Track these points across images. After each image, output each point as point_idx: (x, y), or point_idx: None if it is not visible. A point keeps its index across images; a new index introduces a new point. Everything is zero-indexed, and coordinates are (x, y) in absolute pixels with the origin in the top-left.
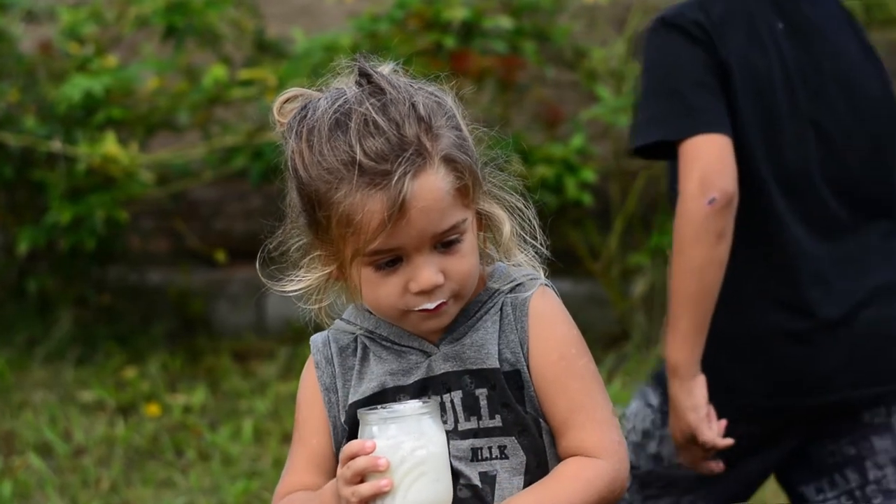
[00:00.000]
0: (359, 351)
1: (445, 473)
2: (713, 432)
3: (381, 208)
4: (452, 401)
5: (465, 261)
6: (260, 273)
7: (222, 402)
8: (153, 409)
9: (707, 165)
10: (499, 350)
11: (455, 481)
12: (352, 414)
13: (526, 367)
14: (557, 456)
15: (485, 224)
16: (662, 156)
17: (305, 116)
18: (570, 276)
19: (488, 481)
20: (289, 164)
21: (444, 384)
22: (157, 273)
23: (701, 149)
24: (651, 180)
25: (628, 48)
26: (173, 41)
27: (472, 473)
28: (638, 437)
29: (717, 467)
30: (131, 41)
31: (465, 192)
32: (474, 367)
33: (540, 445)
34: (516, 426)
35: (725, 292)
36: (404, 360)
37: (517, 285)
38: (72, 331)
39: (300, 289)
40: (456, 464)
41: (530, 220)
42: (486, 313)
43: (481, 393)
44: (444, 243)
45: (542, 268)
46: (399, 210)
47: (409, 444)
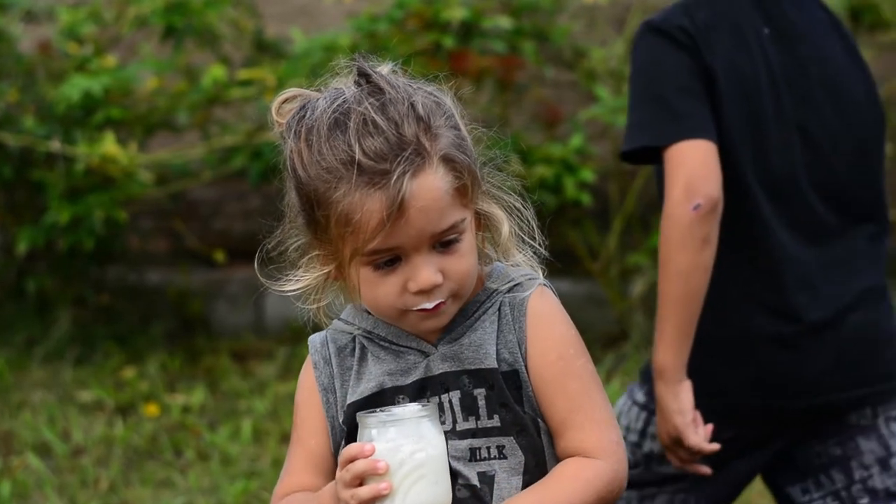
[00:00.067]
0: (357, 351)
1: (444, 476)
2: (699, 436)
3: (379, 207)
4: (451, 401)
5: (464, 260)
6: (259, 273)
7: (221, 402)
8: (152, 409)
9: (692, 171)
10: (497, 350)
11: (454, 481)
12: (350, 414)
13: (524, 367)
14: (556, 456)
15: (483, 224)
16: (649, 160)
17: (304, 116)
18: (569, 276)
19: (487, 481)
20: (287, 164)
21: (442, 384)
22: (156, 273)
23: (686, 155)
24: (650, 180)
25: (627, 48)
26: (172, 41)
27: (471, 473)
28: (636, 437)
29: (704, 470)
30: (130, 41)
31: (464, 191)
32: (472, 368)
33: (538, 445)
34: (514, 426)
35: (712, 296)
36: (402, 361)
37: (515, 285)
38: (70, 331)
39: (299, 288)
40: (454, 464)
41: (529, 220)
42: (484, 313)
43: (479, 393)
44: (443, 243)
45: (540, 268)
46: (398, 209)
47: (408, 447)
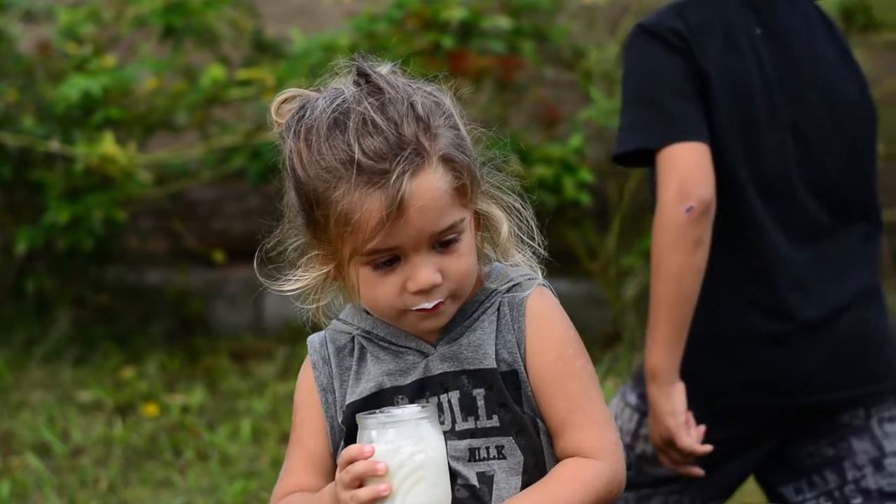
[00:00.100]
0: (356, 351)
1: (444, 478)
2: (692, 438)
3: (379, 207)
4: (450, 401)
5: (463, 260)
6: (258, 273)
7: (220, 402)
8: (151, 409)
9: (685, 174)
10: (496, 350)
11: (453, 481)
12: (349, 414)
13: (523, 368)
14: (555, 456)
15: (482, 224)
16: (642, 163)
17: (304, 116)
18: (568, 276)
19: (486, 481)
20: (287, 164)
21: (441, 384)
22: (155, 273)
23: (679, 157)
24: (642, 182)
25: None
26: (171, 41)
27: (470, 473)
28: (628, 439)
29: (697, 472)
30: (129, 41)
31: (463, 191)
32: (471, 368)
33: (537, 445)
34: (514, 426)
35: (705, 297)
36: (401, 361)
37: (514, 285)
38: (70, 331)
39: (298, 288)
40: (453, 464)
41: (528, 220)
42: (483, 313)
43: (478, 393)
44: (442, 243)
45: (539, 268)
46: (397, 209)
47: (408, 448)
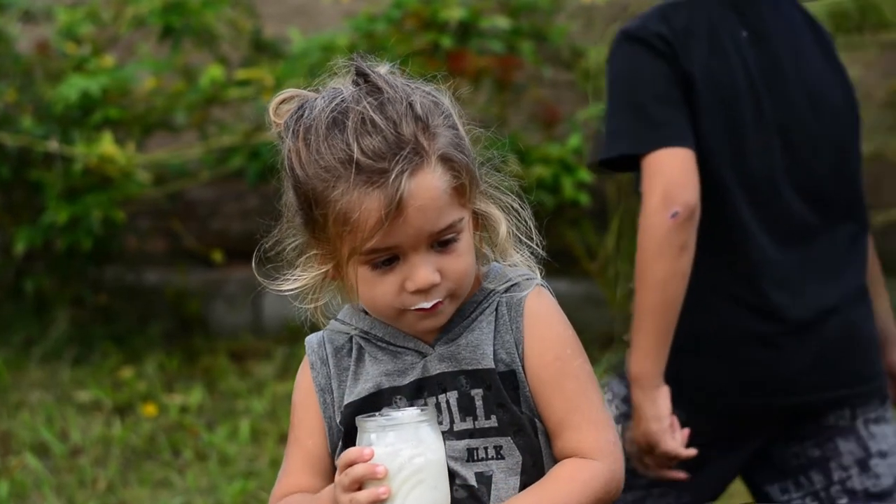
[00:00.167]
0: (354, 351)
1: (443, 481)
2: (676, 442)
3: (378, 206)
4: (448, 401)
5: (462, 260)
6: (256, 273)
7: (219, 402)
8: (150, 409)
9: (670, 179)
10: (494, 350)
11: (451, 482)
12: (347, 415)
13: (521, 368)
14: (553, 456)
15: (481, 224)
16: (627, 168)
17: (302, 116)
18: (567, 276)
19: (484, 482)
20: (285, 163)
21: (439, 385)
22: (154, 273)
23: (664, 163)
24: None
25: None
26: (170, 41)
27: (469, 474)
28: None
29: (680, 476)
30: (128, 41)
31: (462, 191)
32: (470, 368)
33: (536, 445)
34: (512, 426)
35: (691, 299)
36: (400, 361)
37: (513, 285)
38: (68, 331)
39: (296, 288)
40: (452, 464)
41: (526, 220)
42: (481, 314)
43: (477, 393)
44: (441, 242)
45: (538, 268)
46: (396, 208)
47: (407, 451)
